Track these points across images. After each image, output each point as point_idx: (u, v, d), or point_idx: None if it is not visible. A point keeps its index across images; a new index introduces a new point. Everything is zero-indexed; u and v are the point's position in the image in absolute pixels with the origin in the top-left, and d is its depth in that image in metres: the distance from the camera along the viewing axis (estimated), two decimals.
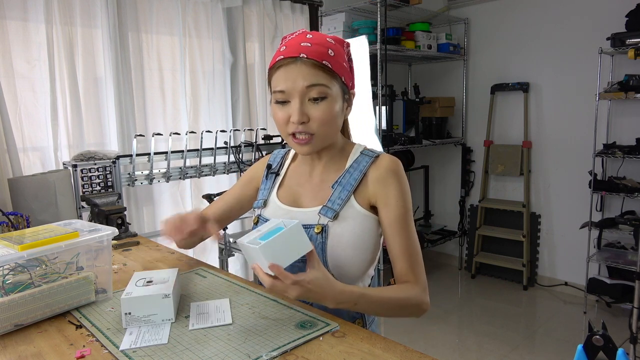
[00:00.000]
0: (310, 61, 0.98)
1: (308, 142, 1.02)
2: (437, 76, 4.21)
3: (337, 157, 1.11)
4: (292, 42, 1.02)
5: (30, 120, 2.25)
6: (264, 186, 1.19)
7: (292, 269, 0.87)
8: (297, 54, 0.98)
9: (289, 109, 1.00)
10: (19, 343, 0.90)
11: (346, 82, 1.05)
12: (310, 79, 0.98)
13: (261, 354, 0.82)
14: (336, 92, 1.02)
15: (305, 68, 0.98)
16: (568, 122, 3.47)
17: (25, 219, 1.58)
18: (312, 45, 0.99)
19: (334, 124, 1.04)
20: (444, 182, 4.30)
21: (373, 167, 1.06)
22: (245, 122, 3.00)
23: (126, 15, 2.49)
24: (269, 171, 1.20)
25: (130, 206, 2.56)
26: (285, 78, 0.99)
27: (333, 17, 3.45)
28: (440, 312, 3.32)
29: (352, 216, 1.04)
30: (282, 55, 1.00)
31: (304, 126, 1.00)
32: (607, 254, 3.18)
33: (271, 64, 1.03)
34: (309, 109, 1.00)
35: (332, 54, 1.01)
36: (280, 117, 1.02)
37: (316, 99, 0.99)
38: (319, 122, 1.00)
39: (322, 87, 0.99)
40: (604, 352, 0.66)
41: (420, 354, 0.81)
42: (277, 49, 1.04)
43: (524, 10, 3.60)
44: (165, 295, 0.93)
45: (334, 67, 1.00)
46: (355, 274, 1.06)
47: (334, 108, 1.02)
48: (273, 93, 1.03)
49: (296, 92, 0.99)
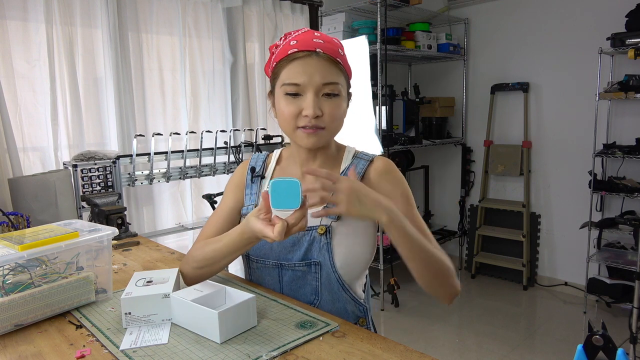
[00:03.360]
0: (326, 56, 0.99)
1: (316, 133, 1.01)
2: (437, 76, 4.21)
3: (330, 159, 1.11)
4: (302, 37, 1.01)
5: (30, 120, 2.25)
6: (250, 191, 1.15)
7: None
8: (313, 49, 0.98)
9: (300, 103, 0.99)
10: (19, 343, 0.90)
11: (349, 82, 1.08)
12: (327, 76, 0.99)
13: (261, 354, 0.82)
14: (344, 92, 1.04)
15: (323, 63, 0.99)
16: (568, 122, 3.47)
17: (26, 219, 1.58)
18: (324, 42, 1.01)
19: (342, 121, 1.06)
20: (444, 182, 4.29)
21: (370, 169, 1.08)
22: (245, 122, 3.00)
23: (126, 15, 2.50)
24: (253, 175, 1.16)
25: (130, 206, 2.56)
26: (303, 71, 0.98)
27: (333, 17, 3.45)
28: (440, 312, 3.32)
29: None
30: (296, 49, 0.99)
31: (316, 120, 0.99)
32: (607, 254, 3.18)
33: (282, 56, 1.01)
34: (322, 103, 1.00)
35: (342, 53, 1.03)
36: (289, 111, 1.00)
37: (329, 94, 1.00)
38: (331, 117, 1.00)
39: (336, 85, 1.01)
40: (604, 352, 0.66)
41: (420, 354, 0.81)
42: (283, 43, 1.03)
43: (524, 10, 3.60)
44: (165, 295, 0.93)
45: (344, 66, 1.03)
46: (359, 271, 1.09)
47: (343, 105, 1.04)
48: (283, 85, 1.00)
49: (312, 87, 0.98)
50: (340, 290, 1.05)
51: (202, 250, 1.05)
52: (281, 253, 1.07)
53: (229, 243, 0.99)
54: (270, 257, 1.08)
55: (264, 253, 1.09)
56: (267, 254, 1.08)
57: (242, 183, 1.18)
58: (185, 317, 0.91)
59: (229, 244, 0.99)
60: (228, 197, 1.18)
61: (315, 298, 1.06)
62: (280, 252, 1.07)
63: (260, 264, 1.10)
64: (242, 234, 0.95)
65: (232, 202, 1.16)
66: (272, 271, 1.09)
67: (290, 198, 0.86)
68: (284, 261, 1.07)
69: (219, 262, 1.03)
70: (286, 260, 1.07)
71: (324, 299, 1.06)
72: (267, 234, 0.87)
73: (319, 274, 1.04)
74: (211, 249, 1.03)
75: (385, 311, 3.33)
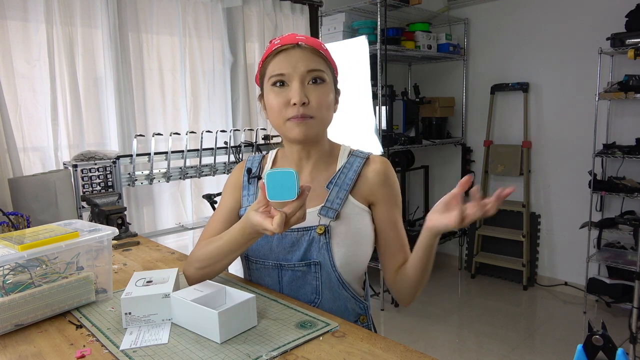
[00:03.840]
0: (309, 47, 1.03)
1: (305, 121, 1.01)
2: (437, 76, 4.21)
3: (325, 157, 1.12)
4: (286, 36, 1.05)
5: (30, 120, 2.25)
6: (247, 192, 1.15)
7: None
8: (295, 42, 1.02)
9: (287, 93, 1.01)
10: (19, 343, 0.90)
11: (336, 77, 1.10)
12: (310, 64, 1.01)
13: (261, 354, 0.82)
14: (330, 82, 1.06)
15: (306, 53, 1.02)
16: (568, 122, 3.47)
17: (26, 219, 1.58)
18: (306, 38, 1.05)
19: (330, 111, 1.07)
20: (444, 182, 4.29)
21: (366, 167, 1.09)
22: (245, 122, 3.00)
23: (126, 15, 2.50)
24: (250, 176, 1.17)
25: (131, 206, 2.56)
26: (286, 61, 1.01)
27: (333, 17, 3.45)
28: (440, 312, 3.32)
29: (353, 213, 1.05)
30: (280, 44, 1.02)
31: (304, 108, 1.00)
32: (607, 254, 3.18)
33: (267, 54, 1.05)
34: (308, 91, 1.01)
35: (324, 48, 1.07)
36: (277, 102, 1.01)
37: (315, 80, 1.02)
38: (318, 104, 1.01)
39: (320, 72, 1.03)
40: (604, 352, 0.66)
41: (420, 354, 0.81)
42: (267, 47, 1.07)
43: (524, 10, 3.60)
44: (165, 295, 0.93)
45: (328, 59, 1.06)
46: (359, 270, 1.09)
47: (330, 94, 1.05)
48: (270, 78, 1.03)
49: (297, 75, 1.00)
50: (341, 288, 1.06)
51: (204, 250, 1.05)
52: (280, 254, 1.07)
53: (230, 240, 0.99)
54: (269, 257, 1.08)
55: (263, 254, 1.08)
56: (266, 254, 1.08)
57: (239, 184, 1.18)
58: (185, 317, 0.91)
59: (231, 241, 0.99)
60: (226, 198, 1.18)
61: (316, 297, 1.06)
62: (280, 252, 1.07)
63: (259, 264, 1.10)
64: (243, 230, 0.95)
65: (231, 202, 1.16)
66: (272, 272, 1.09)
67: (286, 189, 0.85)
68: (283, 262, 1.07)
69: (222, 261, 1.03)
70: (285, 261, 1.06)
71: (325, 298, 1.06)
72: (266, 226, 0.86)
73: (319, 273, 1.04)
74: (213, 247, 1.02)
75: (385, 311, 3.33)
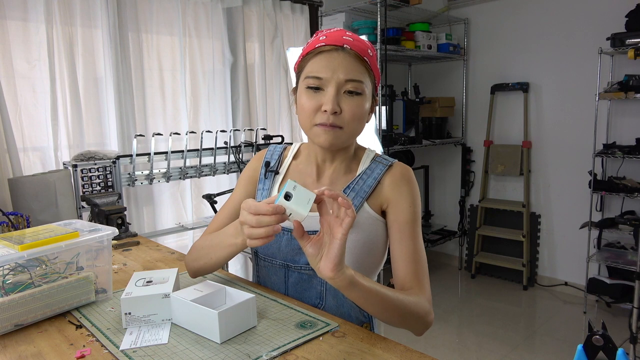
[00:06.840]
0: (353, 53, 0.97)
1: (333, 130, 0.97)
2: (437, 76, 4.21)
3: (348, 161, 1.08)
4: (333, 33, 1.00)
5: (30, 120, 2.25)
6: (262, 186, 1.12)
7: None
8: (340, 44, 0.97)
9: (321, 98, 0.97)
10: (19, 343, 0.90)
11: (376, 85, 1.05)
12: (350, 73, 0.96)
13: (261, 354, 0.82)
14: (368, 92, 1.01)
15: (348, 59, 0.97)
16: (568, 122, 3.47)
17: (26, 219, 1.58)
18: (354, 40, 0.99)
19: (362, 123, 1.02)
20: (444, 182, 4.30)
21: (388, 174, 1.05)
22: (245, 122, 3.00)
23: (126, 15, 2.50)
24: (267, 169, 1.13)
25: (130, 206, 2.56)
26: (326, 65, 0.96)
27: (333, 17, 3.45)
28: (440, 312, 3.32)
29: (366, 222, 1.02)
30: (324, 43, 0.98)
31: (335, 117, 0.96)
32: (607, 254, 3.18)
33: (308, 50, 1.00)
34: (342, 101, 0.97)
35: (371, 53, 1.01)
36: (309, 105, 0.98)
37: (351, 92, 0.97)
38: (351, 116, 0.97)
39: (359, 84, 0.98)
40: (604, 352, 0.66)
41: (420, 354, 0.81)
42: (313, 39, 1.02)
43: (524, 10, 3.60)
44: (165, 295, 0.93)
45: (371, 66, 1.01)
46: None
47: (365, 106, 1.00)
48: (306, 79, 0.99)
49: (334, 82, 0.96)
50: (345, 297, 1.04)
51: (200, 242, 1.04)
52: (288, 254, 1.05)
53: (223, 236, 0.97)
54: (277, 257, 1.07)
55: (272, 252, 1.08)
56: (274, 253, 1.07)
57: (255, 177, 1.15)
58: (185, 317, 0.91)
59: (223, 238, 0.97)
60: (239, 191, 1.15)
61: (320, 302, 1.05)
62: (288, 253, 1.05)
63: (267, 262, 1.10)
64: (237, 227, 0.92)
65: (244, 196, 1.14)
66: (279, 271, 1.08)
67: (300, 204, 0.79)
68: (290, 262, 1.06)
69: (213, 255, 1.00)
70: (293, 262, 1.05)
71: (329, 304, 1.04)
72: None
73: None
74: (208, 241, 1.01)
75: None
